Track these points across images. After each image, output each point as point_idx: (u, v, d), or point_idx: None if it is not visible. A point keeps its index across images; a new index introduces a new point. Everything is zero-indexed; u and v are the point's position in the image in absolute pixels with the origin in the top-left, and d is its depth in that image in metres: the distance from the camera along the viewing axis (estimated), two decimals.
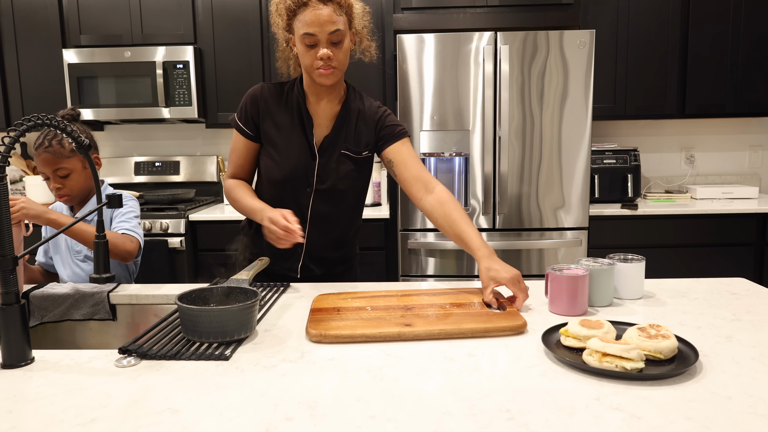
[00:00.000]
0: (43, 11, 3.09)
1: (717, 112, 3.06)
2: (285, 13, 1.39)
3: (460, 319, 1.12)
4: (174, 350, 1.01)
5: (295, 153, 1.49)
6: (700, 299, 1.30)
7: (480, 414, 0.78)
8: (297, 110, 1.49)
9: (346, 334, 1.05)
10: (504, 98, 2.67)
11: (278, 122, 1.49)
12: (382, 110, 1.55)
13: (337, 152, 1.51)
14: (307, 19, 1.34)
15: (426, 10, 2.95)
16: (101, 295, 1.43)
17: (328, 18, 1.34)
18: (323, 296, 1.31)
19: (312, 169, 1.50)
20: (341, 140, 1.51)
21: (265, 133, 1.50)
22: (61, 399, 0.84)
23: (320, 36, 1.35)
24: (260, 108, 1.49)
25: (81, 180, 1.70)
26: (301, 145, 1.49)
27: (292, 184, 1.50)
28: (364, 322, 1.11)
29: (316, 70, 1.39)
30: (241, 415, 0.79)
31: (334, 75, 1.40)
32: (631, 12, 3.00)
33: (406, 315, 1.16)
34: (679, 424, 0.74)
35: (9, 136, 0.96)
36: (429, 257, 2.80)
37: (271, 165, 1.50)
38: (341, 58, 1.39)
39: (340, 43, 1.38)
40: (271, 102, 1.49)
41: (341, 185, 1.52)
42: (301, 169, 1.49)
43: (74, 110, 1.71)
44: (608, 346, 0.90)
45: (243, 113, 1.50)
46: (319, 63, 1.38)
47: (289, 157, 1.48)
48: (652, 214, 2.84)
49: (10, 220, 0.95)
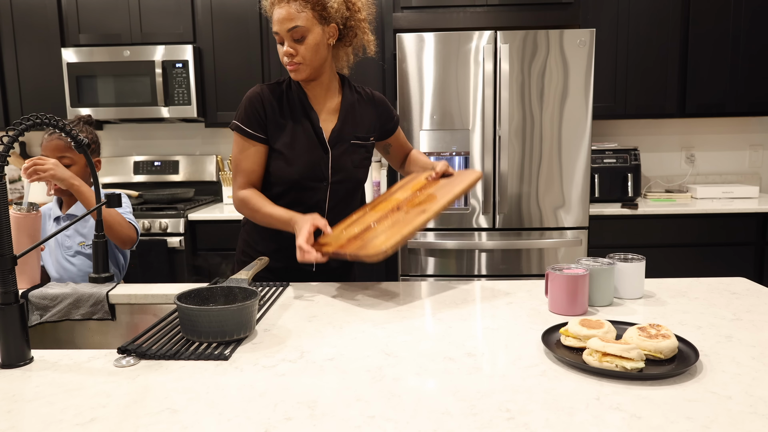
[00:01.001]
0: (42, 10, 3.09)
1: (717, 111, 3.06)
2: (269, 14, 1.44)
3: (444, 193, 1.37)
4: (173, 350, 1.01)
5: (306, 149, 1.48)
6: (701, 299, 1.29)
7: (480, 414, 0.78)
8: (300, 106, 1.50)
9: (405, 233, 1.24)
10: (504, 97, 2.67)
11: (284, 121, 1.49)
12: (379, 96, 1.61)
13: (347, 142, 1.52)
14: (273, 18, 1.41)
15: (426, 9, 2.95)
16: (100, 294, 1.42)
17: (287, 15, 1.38)
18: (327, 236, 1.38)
19: (326, 162, 1.50)
20: (349, 130, 1.53)
21: (273, 135, 1.48)
22: (60, 399, 0.84)
23: (281, 33, 1.40)
24: (262, 109, 1.48)
25: (79, 174, 1.74)
26: (311, 141, 1.49)
27: (308, 181, 1.49)
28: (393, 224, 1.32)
29: (286, 66, 1.44)
30: (241, 415, 0.78)
31: (302, 70, 1.43)
32: (631, 11, 3.00)
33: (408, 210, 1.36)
34: (679, 424, 0.74)
35: (8, 135, 0.96)
36: (429, 257, 2.80)
37: (283, 165, 1.48)
38: (305, 53, 1.41)
39: (303, 39, 1.40)
40: (274, 102, 1.49)
41: (357, 174, 1.55)
42: (315, 164, 1.49)
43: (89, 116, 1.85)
44: (608, 346, 0.90)
45: (251, 117, 1.47)
46: (285, 59, 1.43)
47: (302, 154, 1.48)
48: (653, 214, 2.84)
49: (9, 219, 0.95)
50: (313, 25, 1.40)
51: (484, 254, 2.79)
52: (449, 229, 2.79)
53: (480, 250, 2.79)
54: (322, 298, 1.35)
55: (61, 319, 1.44)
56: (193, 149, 3.53)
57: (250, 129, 1.47)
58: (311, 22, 1.40)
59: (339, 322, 1.17)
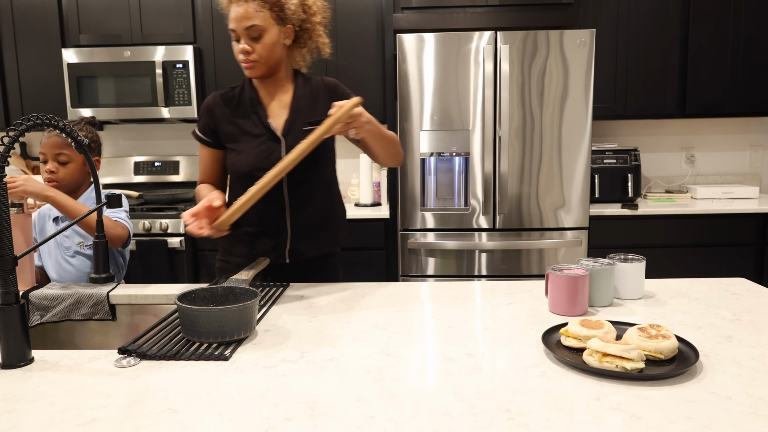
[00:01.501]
0: (42, 11, 3.09)
1: (717, 111, 3.06)
2: (225, 11, 1.48)
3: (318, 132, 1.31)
4: (174, 350, 1.01)
5: (256, 142, 1.53)
6: (701, 299, 1.29)
7: (480, 414, 0.78)
8: (250, 105, 1.55)
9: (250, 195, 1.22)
10: (504, 98, 2.67)
11: (235, 122, 1.55)
12: (331, 82, 1.60)
13: (300, 131, 1.53)
14: (231, 15, 1.45)
15: (426, 9, 2.95)
16: (101, 295, 1.42)
17: (245, 14, 1.43)
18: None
19: (278, 153, 1.52)
20: (302, 119, 1.55)
21: (224, 135, 1.56)
22: (60, 399, 0.84)
23: (238, 31, 1.45)
24: (215, 115, 1.56)
25: (76, 173, 1.77)
26: (261, 134, 1.53)
27: (259, 171, 1.49)
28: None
29: (241, 64, 1.48)
30: (241, 415, 0.79)
31: (257, 68, 1.48)
32: (631, 12, 3.00)
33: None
34: (679, 424, 0.74)
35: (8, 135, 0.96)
36: (429, 257, 2.80)
37: (235, 160, 1.54)
38: (262, 52, 1.46)
39: (260, 37, 1.45)
40: (224, 107, 1.56)
41: (309, 160, 1.52)
42: (267, 154, 1.51)
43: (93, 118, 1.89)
44: (608, 346, 0.90)
45: (201, 124, 1.58)
46: (241, 57, 1.47)
47: (252, 146, 1.52)
48: (653, 214, 2.84)
49: (9, 220, 0.95)
50: (270, 25, 1.46)
51: (484, 254, 2.79)
52: (449, 229, 2.79)
53: (480, 251, 2.79)
54: (323, 298, 1.35)
55: (62, 319, 1.44)
56: (193, 150, 3.53)
57: (202, 134, 1.59)
58: (268, 22, 1.45)
59: (339, 323, 1.17)
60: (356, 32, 3.05)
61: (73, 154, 1.76)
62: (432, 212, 2.79)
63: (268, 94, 1.57)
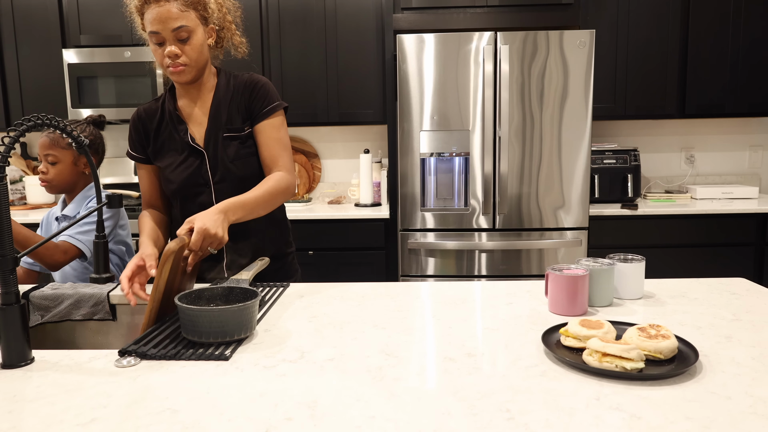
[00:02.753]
0: (43, 11, 3.09)
1: (717, 112, 3.06)
2: (137, 13, 1.40)
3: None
4: (174, 350, 1.01)
5: (181, 158, 1.47)
6: (700, 299, 1.30)
7: (480, 414, 0.78)
8: (170, 118, 1.49)
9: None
10: (504, 98, 2.67)
11: (161, 138, 1.50)
12: (253, 83, 1.49)
13: (219, 140, 1.47)
14: (151, 16, 1.35)
15: (426, 10, 2.95)
16: (101, 295, 1.43)
17: (170, 15, 1.34)
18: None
19: (204, 167, 1.48)
20: (220, 127, 1.48)
21: (153, 153, 1.50)
22: (61, 399, 0.84)
23: (164, 33, 1.35)
24: (141, 132, 1.51)
25: (66, 173, 1.78)
26: (184, 149, 1.48)
27: (190, 189, 1.48)
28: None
29: (167, 69, 1.40)
30: (241, 415, 0.79)
31: (187, 72, 1.40)
32: (631, 12, 3.00)
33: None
34: (679, 424, 0.74)
35: (9, 136, 0.96)
36: (429, 257, 2.80)
37: (165, 180, 1.50)
38: (191, 54, 1.39)
39: (188, 39, 1.38)
40: (147, 122, 1.50)
41: (235, 169, 1.48)
42: (194, 171, 1.47)
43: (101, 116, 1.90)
44: (608, 346, 0.90)
45: (130, 142, 1.53)
46: (168, 61, 1.38)
47: (178, 164, 1.47)
48: (652, 214, 2.84)
49: (9, 220, 0.95)
50: (197, 26, 1.39)
51: (484, 254, 2.79)
52: (449, 229, 2.80)
53: (480, 251, 2.79)
54: (323, 298, 1.35)
55: (62, 319, 1.44)
56: None
57: (135, 152, 1.53)
58: (195, 22, 1.38)
59: (339, 323, 1.17)
60: (356, 32, 3.05)
61: (61, 154, 1.75)
62: (432, 212, 2.79)
63: (190, 101, 1.50)
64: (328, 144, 3.50)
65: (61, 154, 1.76)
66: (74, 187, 1.82)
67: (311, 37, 3.07)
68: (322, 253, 2.92)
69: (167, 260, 1.10)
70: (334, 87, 3.09)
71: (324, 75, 3.09)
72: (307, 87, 3.10)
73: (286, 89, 3.11)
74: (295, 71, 3.09)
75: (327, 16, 3.04)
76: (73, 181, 1.81)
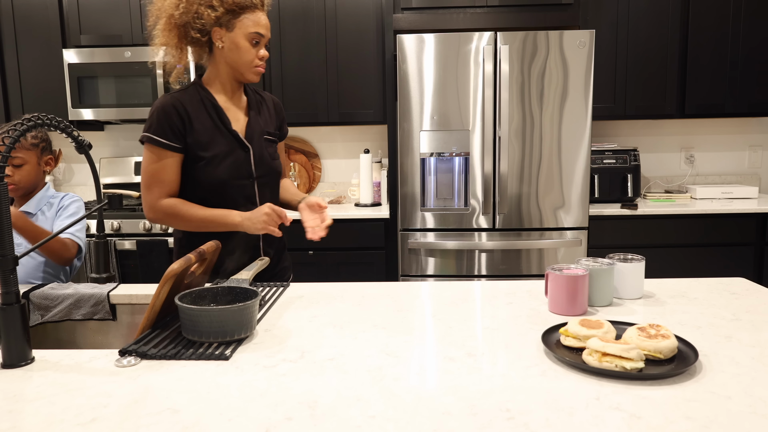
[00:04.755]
0: (43, 11, 3.09)
1: (716, 112, 3.06)
2: (228, 7, 1.45)
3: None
4: (174, 350, 1.01)
5: (227, 149, 1.51)
6: (700, 299, 1.30)
7: (480, 414, 0.78)
8: (212, 110, 1.52)
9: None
10: (504, 98, 2.67)
11: (201, 127, 1.49)
12: (280, 104, 1.71)
13: (262, 138, 1.59)
14: (258, 20, 1.48)
15: (426, 10, 2.96)
16: (101, 295, 1.43)
17: (269, 24, 1.54)
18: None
19: (248, 159, 1.54)
20: (260, 126, 1.59)
21: (194, 141, 1.48)
22: (61, 399, 0.84)
23: (265, 37, 1.51)
24: (181, 119, 1.47)
25: (32, 174, 1.77)
26: (229, 142, 1.52)
27: (236, 181, 1.53)
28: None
29: (254, 68, 1.51)
30: (241, 414, 0.79)
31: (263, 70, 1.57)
32: (631, 12, 3.01)
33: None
34: (679, 423, 0.74)
35: (9, 136, 0.96)
36: (429, 257, 2.80)
37: (209, 169, 1.49)
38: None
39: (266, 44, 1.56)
40: (189, 109, 1.49)
41: (275, 167, 1.61)
42: (239, 162, 1.53)
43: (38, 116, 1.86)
44: (608, 346, 0.90)
45: (166, 128, 1.46)
46: (258, 61, 1.51)
47: (225, 154, 1.51)
48: (652, 214, 2.84)
49: (10, 220, 0.95)
50: None
51: (484, 254, 2.79)
52: (449, 229, 2.80)
53: (480, 251, 2.79)
54: (323, 298, 1.35)
55: (62, 319, 1.44)
56: None
57: (166, 140, 1.46)
58: None
59: (339, 322, 1.17)
60: (356, 32, 3.05)
61: (27, 155, 1.74)
62: (432, 212, 2.79)
63: (228, 98, 1.56)
64: (328, 144, 3.50)
65: (27, 155, 1.74)
66: (35, 188, 1.81)
67: (311, 37, 3.07)
68: (322, 253, 2.92)
69: (168, 281, 1.09)
70: (334, 87, 3.09)
71: (324, 75, 3.09)
72: (307, 87, 3.10)
73: (286, 89, 3.11)
74: (295, 71, 3.09)
75: (327, 16, 3.04)
76: (37, 181, 1.80)
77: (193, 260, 1.16)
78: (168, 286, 1.10)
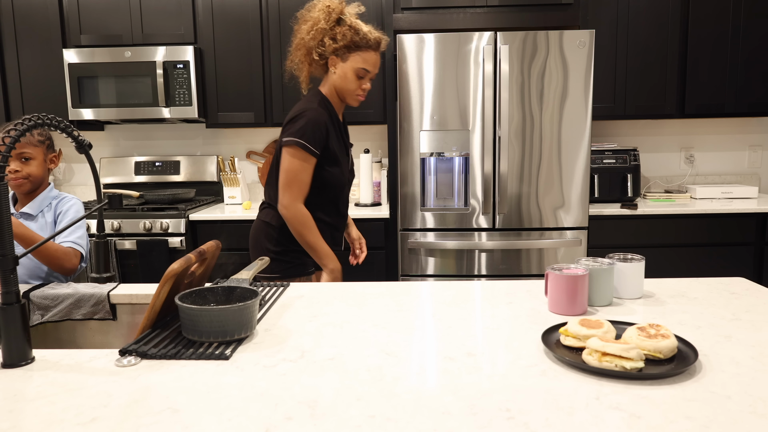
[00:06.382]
0: (43, 11, 3.10)
1: (716, 111, 3.06)
2: (347, 43, 1.73)
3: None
4: (174, 350, 1.01)
5: (344, 158, 1.86)
6: (700, 299, 1.30)
7: (480, 414, 0.78)
8: (338, 124, 1.84)
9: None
10: (504, 98, 2.67)
11: (334, 139, 1.80)
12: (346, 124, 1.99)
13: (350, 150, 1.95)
14: (370, 59, 1.77)
15: (426, 10, 2.96)
16: (101, 294, 1.43)
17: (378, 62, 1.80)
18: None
19: (352, 165, 1.95)
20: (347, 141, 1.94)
21: (330, 150, 1.78)
22: (61, 398, 0.84)
23: (372, 73, 1.79)
24: (328, 132, 1.77)
25: (40, 170, 1.79)
26: (346, 152, 1.88)
27: (348, 183, 1.89)
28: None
29: (357, 96, 1.81)
30: (241, 414, 0.79)
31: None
32: (631, 12, 3.01)
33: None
34: (679, 423, 0.74)
35: (9, 135, 0.96)
36: (429, 257, 2.80)
37: (338, 173, 1.81)
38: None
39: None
40: (329, 125, 1.78)
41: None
42: (349, 168, 1.91)
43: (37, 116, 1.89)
44: (608, 346, 0.90)
45: (317, 138, 1.73)
46: (360, 92, 1.80)
47: (345, 162, 1.85)
48: (652, 214, 2.84)
49: (10, 220, 0.95)
50: None
51: (484, 254, 2.79)
52: (449, 229, 2.80)
53: (480, 250, 2.79)
54: (323, 297, 1.35)
55: (63, 318, 1.44)
56: (194, 150, 3.53)
57: (314, 148, 1.72)
58: None
59: (339, 322, 1.17)
60: None
61: (35, 151, 1.77)
62: (432, 212, 2.79)
63: (338, 113, 1.87)
64: None
65: (35, 151, 1.77)
66: (40, 185, 1.82)
67: None
68: None
69: (169, 281, 1.09)
70: None
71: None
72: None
73: (287, 89, 3.11)
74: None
75: None
76: (44, 177, 1.81)
77: (193, 260, 1.16)
78: (168, 285, 1.10)
